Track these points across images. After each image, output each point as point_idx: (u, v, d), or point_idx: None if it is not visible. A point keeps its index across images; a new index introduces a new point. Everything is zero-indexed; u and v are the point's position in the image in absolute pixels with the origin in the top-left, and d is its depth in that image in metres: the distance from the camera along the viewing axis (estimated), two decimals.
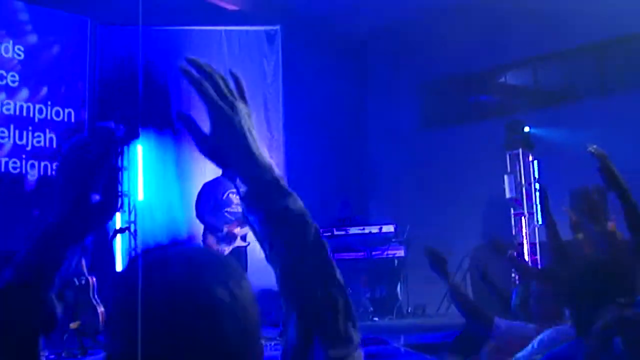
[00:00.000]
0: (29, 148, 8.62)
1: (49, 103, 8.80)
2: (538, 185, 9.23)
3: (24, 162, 8.56)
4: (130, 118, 9.70)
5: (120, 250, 9.30)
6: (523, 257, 9.60)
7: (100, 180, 1.41)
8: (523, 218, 10.19)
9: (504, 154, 10.34)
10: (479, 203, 10.99)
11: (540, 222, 9.52)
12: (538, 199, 9.47)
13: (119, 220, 9.13)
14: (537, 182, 9.73)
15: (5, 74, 8.58)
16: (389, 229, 10.21)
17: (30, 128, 8.65)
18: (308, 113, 10.87)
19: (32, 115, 8.68)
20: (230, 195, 7.40)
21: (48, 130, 8.78)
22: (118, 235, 8.74)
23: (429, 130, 12.26)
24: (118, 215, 9.09)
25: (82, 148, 1.43)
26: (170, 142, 10.03)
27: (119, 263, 9.20)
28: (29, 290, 1.29)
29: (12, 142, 8.53)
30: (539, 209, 9.44)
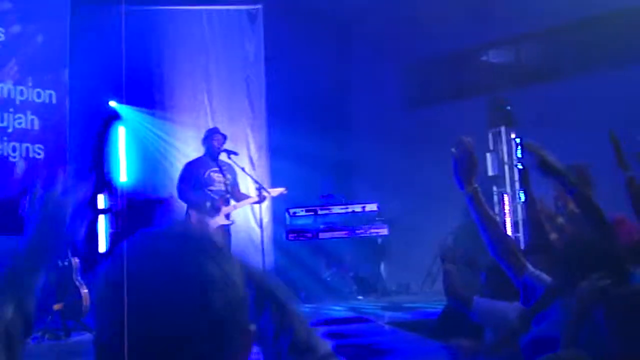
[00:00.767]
0: (11, 130, 8.52)
1: (30, 84, 8.69)
2: (520, 164, 9.27)
3: (6, 144, 8.49)
4: (112, 99, 9.66)
5: (104, 232, 9.27)
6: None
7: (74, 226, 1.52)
8: (506, 196, 10.26)
9: (487, 132, 10.37)
10: None
11: (523, 199, 9.58)
12: (519, 177, 9.53)
13: (102, 201, 9.10)
14: (519, 160, 9.78)
15: None
16: (373, 208, 10.27)
17: (12, 110, 8.55)
18: (291, 93, 10.80)
19: (13, 97, 8.57)
20: (212, 174, 7.40)
21: (29, 112, 8.70)
22: (101, 216, 8.71)
23: (412, 109, 12.25)
24: (101, 197, 9.06)
25: (57, 205, 1.51)
26: (152, 122, 9.99)
27: (102, 244, 9.17)
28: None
29: None
30: (521, 186, 9.49)
